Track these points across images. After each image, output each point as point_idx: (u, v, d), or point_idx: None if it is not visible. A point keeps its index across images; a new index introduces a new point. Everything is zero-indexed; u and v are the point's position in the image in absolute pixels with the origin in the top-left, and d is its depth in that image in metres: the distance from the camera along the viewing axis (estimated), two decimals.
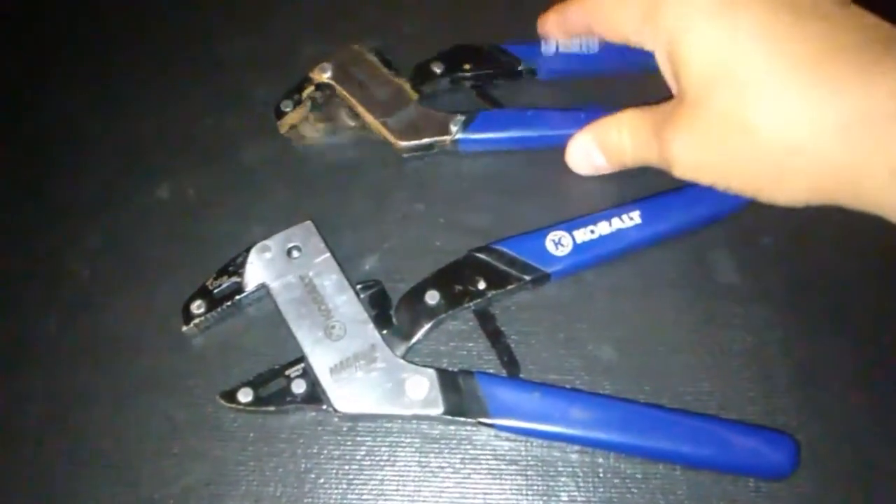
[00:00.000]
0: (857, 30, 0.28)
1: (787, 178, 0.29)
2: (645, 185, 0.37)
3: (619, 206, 0.36)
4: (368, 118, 0.40)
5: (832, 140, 0.27)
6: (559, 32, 0.39)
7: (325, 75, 0.41)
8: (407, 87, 0.41)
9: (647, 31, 0.32)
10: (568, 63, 0.41)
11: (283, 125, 0.41)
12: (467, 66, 0.41)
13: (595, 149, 0.36)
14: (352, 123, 0.40)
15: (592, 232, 0.35)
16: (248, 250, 0.35)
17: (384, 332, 0.34)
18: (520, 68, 0.41)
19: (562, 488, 0.32)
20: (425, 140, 0.39)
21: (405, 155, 0.39)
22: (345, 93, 0.40)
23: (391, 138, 0.39)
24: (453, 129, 0.39)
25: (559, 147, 0.38)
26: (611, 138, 0.35)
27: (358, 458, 0.33)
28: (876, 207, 0.27)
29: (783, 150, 0.28)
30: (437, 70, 0.41)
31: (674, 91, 0.34)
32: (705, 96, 0.30)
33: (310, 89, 0.41)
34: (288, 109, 0.41)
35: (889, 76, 0.26)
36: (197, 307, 0.34)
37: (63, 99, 0.43)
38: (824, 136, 0.27)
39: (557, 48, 0.41)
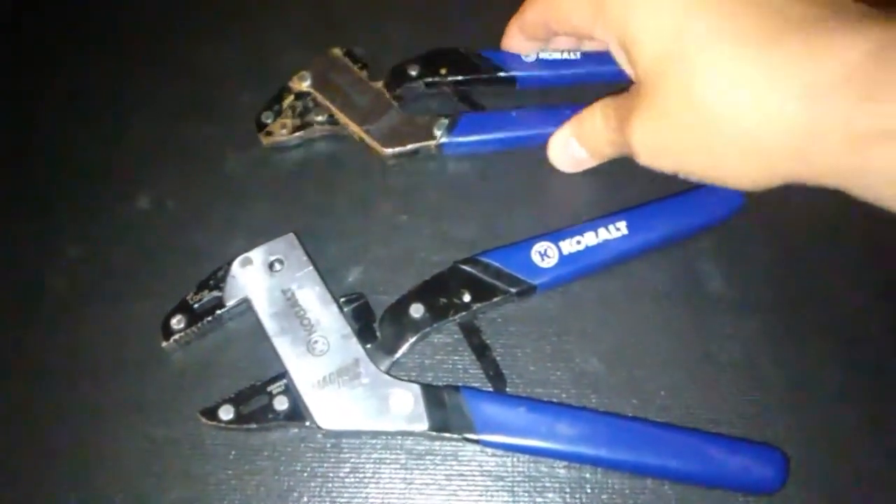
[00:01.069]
0: (806, 1, 0.27)
1: (745, 156, 0.28)
2: (632, 195, 0.36)
3: (606, 217, 0.35)
4: (351, 126, 0.39)
5: (786, 111, 0.26)
6: (522, 41, 0.39)
7: (304, 84, 0.40)
8: (386, 92, 0.40)
9: (598, 22, 0.32)
10: (548, 71, 0.40)
11: (266, 137, 0.40)
12: (444, 71, 0.41)
13: (574, 141, 0.36)
14: (320, 119, 0.39)
15: (579, 243, 0.35)
16: (229, 263, 0.35)
17: (368, 346, 0.33)
18: (500, 75, 0.41)
19: None
20: (409, 146, 0.38)
21: (389, 161, 0.39)
22: (325, 101, 0.40)
23: (375, 145, 0.38)
24: (437, 133, 0.38)
25: (545, 146, 0.37)
26: (586, 127, 0.35)
27: (341, 475, 0.32)
28: (834, 178, 0.27)
29: (738, 127, 0.28)
30: (413, 72, 0.40)
31: (633, 80, 0.33)
32: (658, 79, 0.30)
33: (289, 99, 0.40)
34: (269, 121, 0.40)
35: (838, 44, 0.25)
36: (177, 322, 0.34)
37: (41, 108, 0.42)
38: (778, 108, 0.27)
39: (538, 56, 0.40)
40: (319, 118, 0.39)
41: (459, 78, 0.41)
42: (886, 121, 0.24)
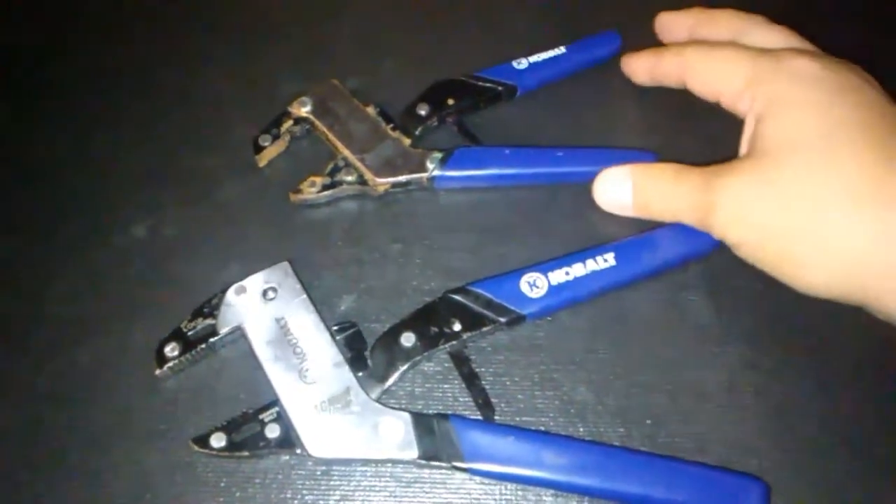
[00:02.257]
0: None
1: (826, 264, 0.30)
2: (621, 227, 0.37)
3: (594, 248, 0.36)
4: (346, 154, 0.40)
5: (883, 244, 0.29)
6: (645, 76, 0.41)
7: (303, 109, 0.41)
8: (384, 125, 0.41)
9: (746, 95, 0.34)
10: (542, 71, 0.43)
11: (262, 159, 0.41)
12: (451, 102, 0.42)
13: (629, 186, 0.36)
14: (349, 179, 0.39)
15: (567, 274, 0.35)
16: (223, 291, 0.35)
17: (359, 374, 0.34)
18: (499, 90, 0.42)
19: None
20: (402, 177, 0.39)
21: (382, 190, 0.39)
22: (323, 128, 0.41)
23: (368, 175, 0.39)
24: (430, 166, 0.39)
25: (536, 185, 0.38)
26: (651, 178, 0.36)
27: (331, 502, 0.33)
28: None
29: (829, 237, 0.30)
30: (423, 112, 0.41)
31: (743, 149, 0.35)
32: (783, 156, 0.31)
33: (288, 123, 0.41)
34: (266, 144, 0.41)
35: None
36: (171, 350, 0.34)
37: (38, 137, 0.42)
38: (880, 241, 0.29)
39: (529, 62, 0.43)
40: (349, 178, 0.39)
41: (466, 103, 0.42)
42: None
